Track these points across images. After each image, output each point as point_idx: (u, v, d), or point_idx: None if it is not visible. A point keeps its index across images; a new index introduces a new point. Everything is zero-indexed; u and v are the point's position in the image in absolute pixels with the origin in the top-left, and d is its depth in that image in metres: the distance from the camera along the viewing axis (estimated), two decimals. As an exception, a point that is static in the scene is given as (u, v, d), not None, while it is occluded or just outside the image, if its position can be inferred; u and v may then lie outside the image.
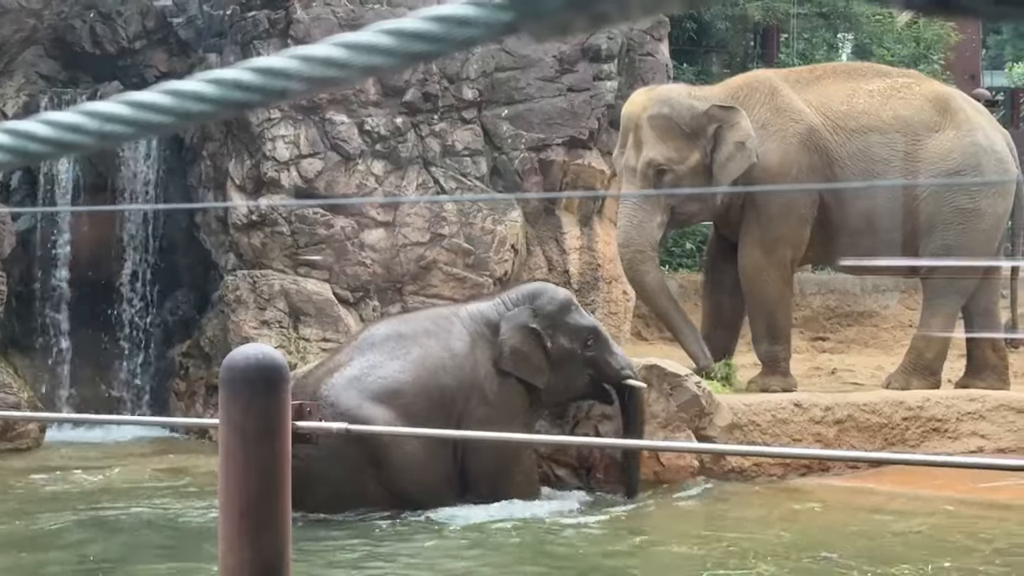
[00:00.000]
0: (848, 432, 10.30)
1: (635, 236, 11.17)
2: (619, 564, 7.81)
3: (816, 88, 11.55)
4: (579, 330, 9.36)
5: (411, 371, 9.05)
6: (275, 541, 3.38)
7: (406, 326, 9.41)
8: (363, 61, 0.93)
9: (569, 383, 9.38)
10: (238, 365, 3.44)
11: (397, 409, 8.90)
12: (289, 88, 0.96)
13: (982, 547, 8.23)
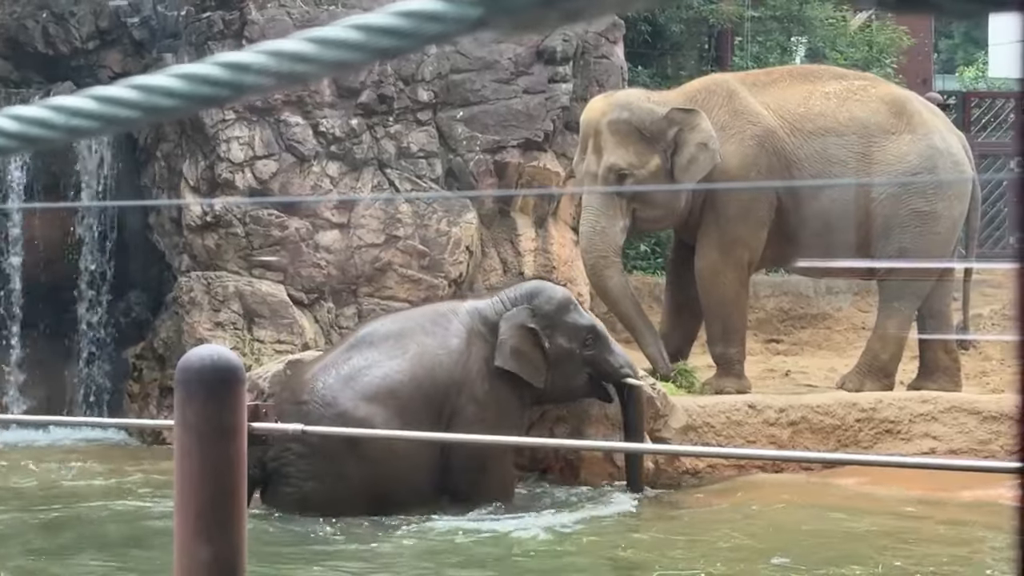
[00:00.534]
0: (802, 434, 10.35)
1: (598, 241, 11.19)
2: (565, 565, 7.81)
3: (773, 91, 11.60)
4: (578, 329, 9.36)
5: (408, 370, 9.07)
6: (230, 542, 3.37)
7: (405, 323, 9.45)
8: (332, 56, 0.93)
9: (569, 382, 9.39)
10: (193, 366, 3.42)
11: (393, 408, 8.90)
12: (257, 83, 0.96)
13: (934, 547, 8.29)
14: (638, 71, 16.31)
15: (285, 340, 12.37)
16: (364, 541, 8.41)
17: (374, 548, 8.27)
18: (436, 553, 8.13)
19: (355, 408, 8.88)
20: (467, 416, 9.07)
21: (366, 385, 9.01)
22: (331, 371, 9.11)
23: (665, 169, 11.13)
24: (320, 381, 9.09)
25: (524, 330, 9.24)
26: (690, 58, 18.01)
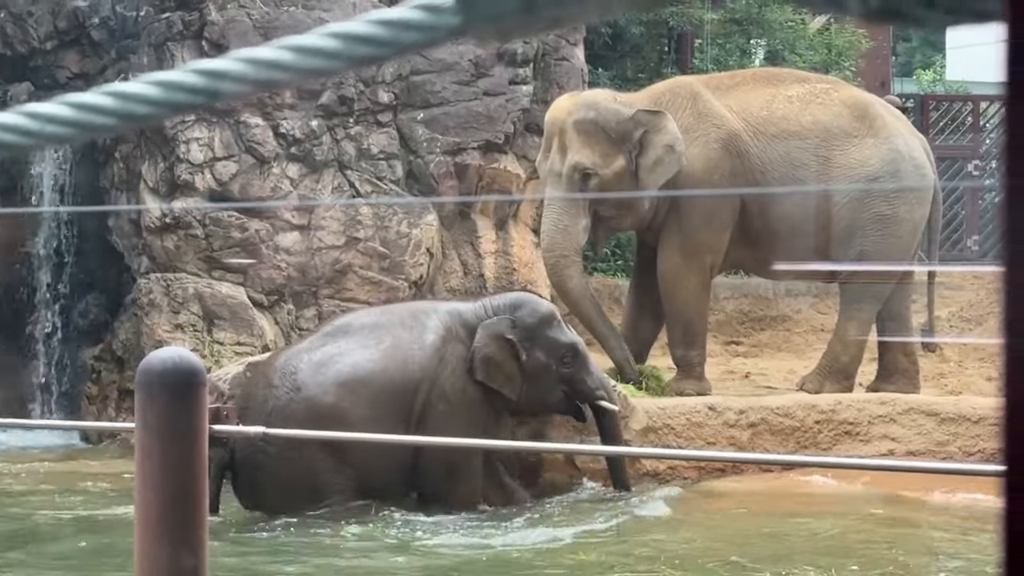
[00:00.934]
0: (761, 435, 10.39)
1: (559, 240, 11.18)
2: (521, 566, 7.82)
3: (736, 94, 11.63)
4: (557, 346, 9.32)
5: (379, 360, 9.07)
6: (192, 545, 3.37)
7: (383, 316, 9.47)
8: (309, 64, 0.93)
9: (543, 397, 9.37)
10: (155, 368, 3.42)
11: (362, 397, 8.91)
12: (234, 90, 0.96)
13: (889, 548, 8.33)
14: (598, 73, 16.33)
15: (245, 342, 12.34)
16: (325, 538, 8.40)
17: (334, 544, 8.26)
18: (397, 552, 8.13)
19: (323, 394, 8.91)
20: (437, 414, 9.06)
21: (336, 372, 9.01)
22: (303, 356, 9.15)
23: (630, 170, 11.14)
24: (291, 365, 9.12)
25: (501, 340, 9.21)
26: (650, 60, 18.05)
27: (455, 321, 9.33)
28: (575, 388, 9.40)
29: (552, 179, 11.26)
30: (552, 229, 11.25)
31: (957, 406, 10.63)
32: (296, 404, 8.91)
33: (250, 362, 10.31)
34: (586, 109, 11.18)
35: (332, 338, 9.27)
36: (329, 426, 8.72)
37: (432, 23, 0.89)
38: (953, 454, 10.28)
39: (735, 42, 18.40)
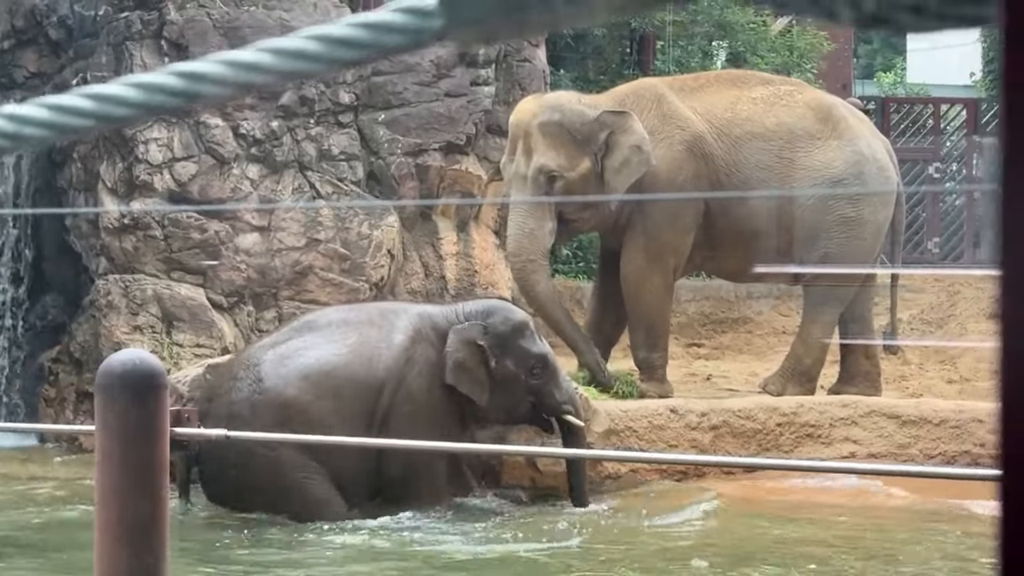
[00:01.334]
0: (723, 438, 10.41)
1: (526, 244, 11.17)
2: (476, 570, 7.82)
3: (700, 95, 11.65)
4: (527, 356, 9.29)
5: (345, 355, 9.05)
6: (153, 548, 3.35)
7: (352, 314, 9.47)
8: (289, 67, 0.93)
9: (510, 406, 9.34)
10: (115, 371, 3.41)
11: (325, 392, 8.90)
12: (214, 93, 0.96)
13: (849, 550, 8.36)
14: (560, 75, 16.35)
15: (204, 344, 12.29)
16: (288, 542, 8.38)
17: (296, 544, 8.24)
18: (357, 557, 8.12)
19: (286, 387, 8.89)
20: (402, 415, 9.04)
21: (300, 366, 9.00)
22: (268, 350, 9.16)
23: (595, 172, 11.14)
24: (255, 358, 9.14)
25: (472, 346, 9.18)
26: (612, 62, 18.07)
27: (425, 323, 9.31)
28: (542, 400, 9.36)
29: (517, 182, 11.24)
30: (518, 233, 11.23)
31: (918, 408, 10.68)
32: (259, 396, 8.89)
33: (210, 364, 10.27)
34: (551, 111, 11.18)
35: (298, 333, 9.26)
36: (292, 420, 8.72)
37: (414, 26, 0.89)
38: (914, 457, 10.33)
39: (697, 44, 18.45)
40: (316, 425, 8.70)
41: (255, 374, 8.99)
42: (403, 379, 9.10)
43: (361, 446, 8.85)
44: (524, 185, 11.15)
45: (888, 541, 8.70)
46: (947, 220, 20.16)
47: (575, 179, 11.10)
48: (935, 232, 19.86)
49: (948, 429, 10.43)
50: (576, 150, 11.10)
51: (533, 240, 11.16)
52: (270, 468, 8.82)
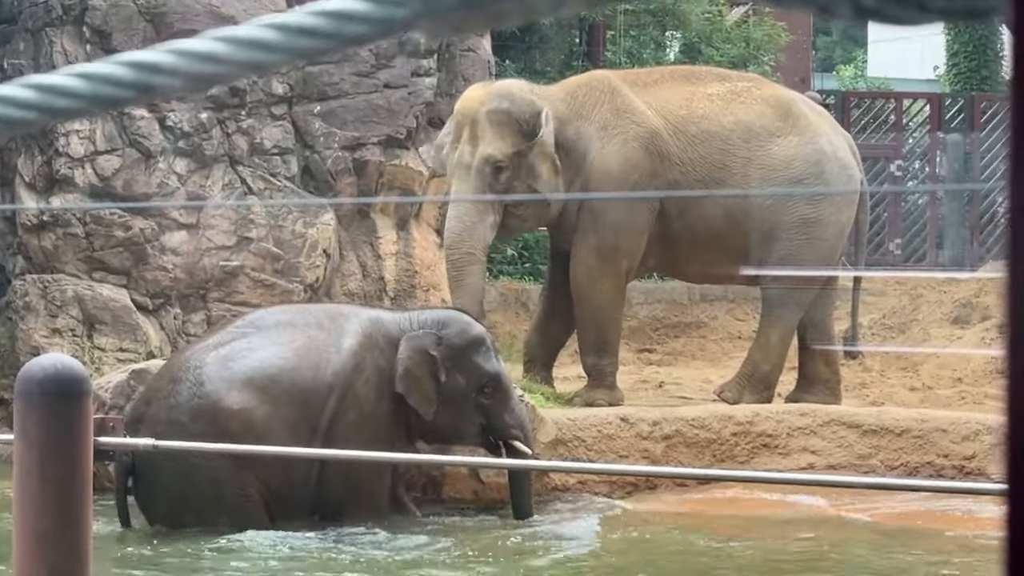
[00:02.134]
0: (676, 448, 10.43)
1: (466, 237, 11.13)
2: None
3: (655, 91, 11.66)
4: (480, 373, 9.21)
5: (291, 359, 8.99)
6: (74, 564, 3.32)
7: (299, 315, 9.40)
8: (245, 57, 0.91)
9: (457, 424, 9.26)
10: (35, 376, 3.38)
11: (269, 397, 8.84)
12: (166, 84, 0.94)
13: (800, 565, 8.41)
14: (506, 65, 16.36)
15: (128, 348, 12.21)
16: (222, 554, 8.35)
17: (230, 560, 8.21)
18: (283, 572, 8.09)
19: (227, 391, 8.82)
20: (347, 423, 8.97)
21: (243, 368, 8.93)
22: (210, 352, 9.07)
23: None
24: (197, 359, 9.04)
25: (424, 355, 9.10)
26: (560, 52, 18.10)
27: (376, 329, 9.24)
28: (491, 422, 9.28)
29: (460, 172, 11.18)
30: (458, 226, 11.19)
31: (879, 418, 10.74)
32: (198, 400, 8.82)
33: (134, 369, 10.21)
34: (500, 99, 11.16)
35: (243, 334, 9.19)
36: (231, 426, 8.66)
37: (379, 15, 0.88)
38: (875, 467, 10.39)
39: (649, 34, 18.51)
40: (259, 432, 8.64)
41: (195, 377, 8.90)
42: (350, 386, 9.04)
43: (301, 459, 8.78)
44: (467, 175, 11.10)
45: (846, 555, 8.74)
46: (909, 220, 20.31)
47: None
48: (897, 233, 20.00)
49: (910, 439, 10.49)
50: (524, 141, 11.09)
51: (473, 233, 11.12)
52: (205, 479, 8.76)
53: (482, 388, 9.23)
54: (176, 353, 9.47)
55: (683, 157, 11.44)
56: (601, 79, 11.84)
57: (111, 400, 9.74)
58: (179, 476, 8.73)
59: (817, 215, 11.60)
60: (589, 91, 11.53)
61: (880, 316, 14.97)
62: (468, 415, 9.25)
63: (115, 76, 0.96)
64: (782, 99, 11.92)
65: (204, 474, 8.75)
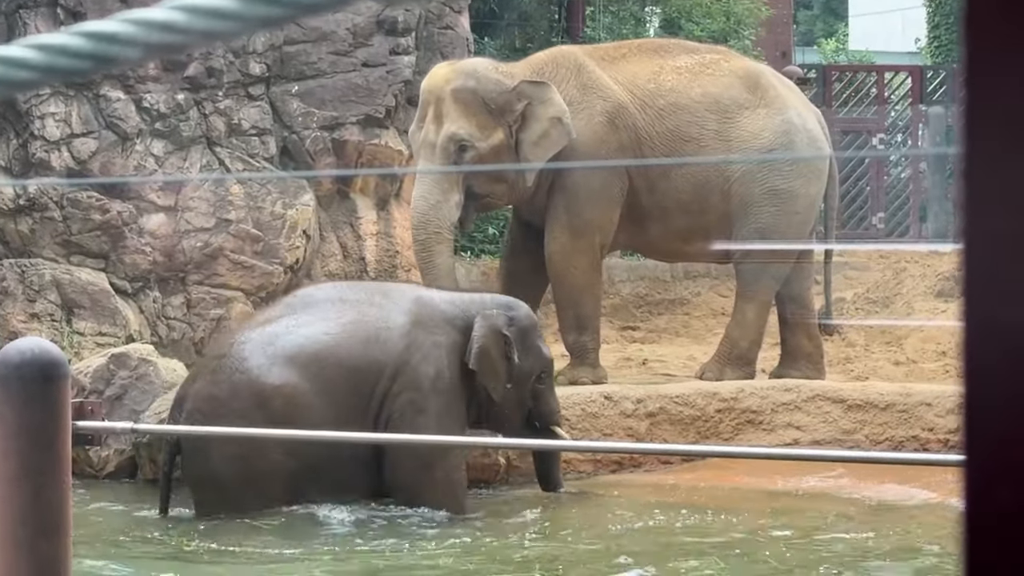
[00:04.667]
0: (661, 425, 10.45)
1: (431, 216, 11.11)
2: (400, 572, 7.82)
3: (622, 65, 11.66)
4: (540, 359, 9.27)
5: (338, 336, 8.87)
6: (54, 550, 3.32)
7: (349, 291, 9.31)
8: (204, 26, 0.91)
9: (515, 408, 9.21)
10: (12, 361, 3.37)
11: (312, 375, 8.71)
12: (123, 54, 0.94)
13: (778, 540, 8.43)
14: (485, 43, 16.34)
15: (107, 332, 12.19)
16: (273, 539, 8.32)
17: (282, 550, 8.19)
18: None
19: (268, 369, 8.69)
20: (404, 402, 8.84)
21: (287, 345, 8.79)
22: (257, 328, 8.99)
23: (509, 144, 11.12)
24: (244, 336, 8.96)
25: (499, 335, 9.04)
26: (539, 29, 18.08)
27: (428, 308, 9.13)
28: (539, 407, 9.28)
29: (425, 150, 11.18)
30: (423, 205, 11.17)
31: (864, 392, 10.76)
32: (239, 376, 8.70)
33: (113, 354, 10.20)
34: (466, 77, 11.15)
35: (291, 310, 9.07)
36: (274, 403, 8.57)
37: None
38: (860, 442, 10.41)
39: (628, 9, 18.50)
40: (301, 412, 8.55)
41: (239, 352, 8.78)
42: (405, 365, 8.88)
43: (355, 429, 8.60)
44: (432, 154, 11.10)
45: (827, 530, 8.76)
46: (892, 194, 20.34)
47: (487, 150, 11.07)
48: (880, 207, 20.03)
49: (895, 413, 10.52)
50: (490, 120, 11.08)
51: (439, 212, 11.10)
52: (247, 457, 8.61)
53: (540, 373, 9.26)
54: (227, 330, 9.44)
55: (651, 131, 11.44)
56: (567, 55, 11.81)
57: (90, 384, 9.74)
58: (227, 458, 8.63)
59: (787, 187, 11.60)
60: (555, 68, 11.51)
61: (864, 290, 15.00)
62: (524, 400, 9.24)
63: (72, 47, 0.95)
64: (751, 71, 11.93)
65: (245, 451, 8.65)
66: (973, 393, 0.72)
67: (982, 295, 0.72)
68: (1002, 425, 0.71)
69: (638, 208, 11.45)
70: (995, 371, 0.71)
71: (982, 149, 0.72)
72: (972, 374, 0.72)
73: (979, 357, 0.72)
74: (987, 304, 0.72)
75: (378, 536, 8.47)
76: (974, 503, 0.72)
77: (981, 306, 0.72)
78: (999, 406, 0.71)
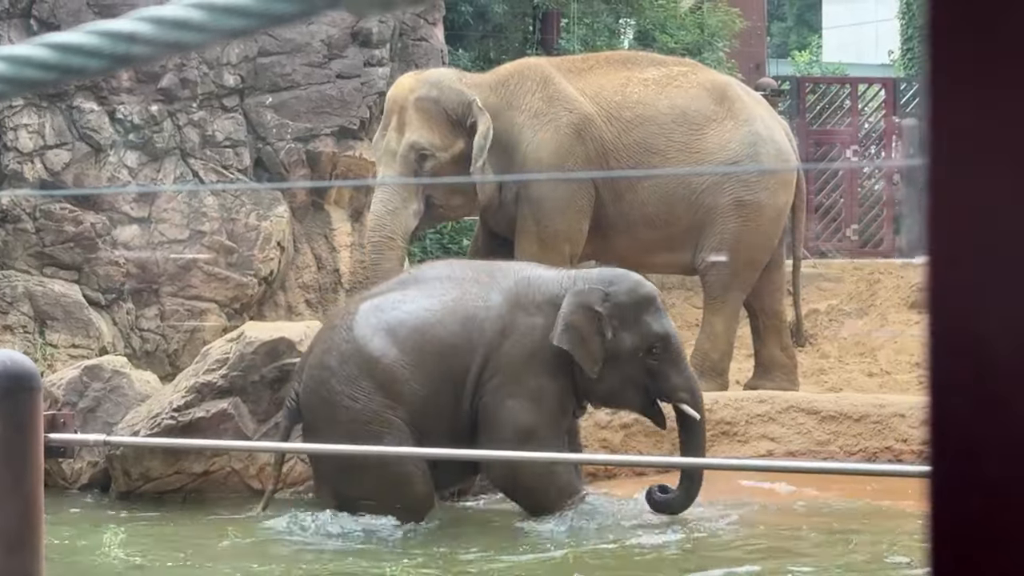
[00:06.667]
0: (635, 437, 10.44)
1: (386, 221, 11.15)
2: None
3: (589, 77, 11.68)
4: (648, 333, 8.91)
5: (438, 313, 8.91)
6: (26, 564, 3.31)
7: (460, 269, 9.33)
8: (172, 37, 0.91)
9: (620, 387, 8.96)
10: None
11: (408, 349, 8.81)
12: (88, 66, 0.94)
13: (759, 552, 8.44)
14: (459, 54, 16.35)
15: (81, 344, 12.16)
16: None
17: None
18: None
19: (371, 338, 8.83)
20: (492, 389, 8.80)
21: (389, 317, 8.90)
22: (367, 300, 9.19)
23: (467, 155, 11.15)
24: (353, 307, 9.21)
25: (589, 311, 8.79)
26: (514, 41, 18.09)
27: (531, 286, 9.00)
28: (658, 383, 8.99)
29: (386, 159, 11.23)
30: (381, 210, 11.21)
31: (838, 404, 10.77)
32: (347, 344, 8.85)
33: (87, 366, 10.17)
34: (429, 88, 11.18)
35: (402, 285, 9.21)
36: (376, 372, 8.73)
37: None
38: (834, 454, 10.42)
39: (603, 21, 18.52)
40: (400, 385, 8.71)
41: (347, 323, 8.95)
42: (496, 348, 8.82)
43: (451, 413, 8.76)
44: (393, 162, 11.14)
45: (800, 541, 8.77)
46: (866, 206, 20.39)
47: (447, 160, 11.09)
48: (854, 218, 20.08)
49: (869, 425, 10.53)
50: (451, 130, 11.12)
51: (395, 219, 11.13)
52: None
53: (650, 348, 8.94)
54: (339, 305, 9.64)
55: (618, 143, 11.46)
56: (533, 67, 11.83)
57: (63, 396, 9.71)
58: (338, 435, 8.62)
59: (754, 199, 11.61)
60: (520, 80, 11.53)
61: (838, 301, 15.03)
62: (631, 377, 8.97)
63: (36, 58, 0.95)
64: (718, 84, 11.95)
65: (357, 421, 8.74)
66: (939, 404, 0.72)
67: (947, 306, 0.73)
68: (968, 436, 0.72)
69: (605, 219, 11.47)
70: (960, 382, 0.72)
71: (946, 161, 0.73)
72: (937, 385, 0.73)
73: (945, 368, 0.72)
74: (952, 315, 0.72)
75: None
76: (940, 514, 0.72)
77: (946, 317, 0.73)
78: (965, 417, 0.72)
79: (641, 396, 9.08)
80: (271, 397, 9.67)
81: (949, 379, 0.72)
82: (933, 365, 0.72)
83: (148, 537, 8.72)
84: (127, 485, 9.68)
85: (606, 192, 11.47)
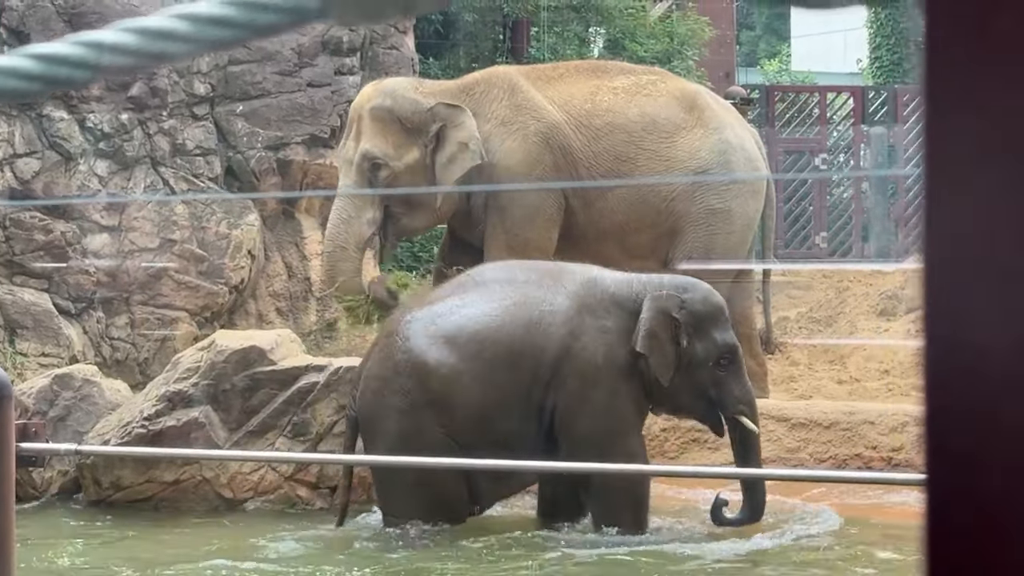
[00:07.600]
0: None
1: (341, 230, 11.14)
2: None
3: (558, 85, 11.67)
4: (719, 344, 8.82)
5: (500, 318, 8.69)
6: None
7: (518, 271, 9.07)
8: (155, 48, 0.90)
9: (688, 395, 8.85)
10: (-46, 382, 3.33)
11: (469, 356, 8.60)
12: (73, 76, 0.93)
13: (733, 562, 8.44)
14: (430, 63, 16.34)
15: (51, 353, 12.11)
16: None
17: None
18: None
19: (428, 347, 8.62)
20: (567, 393, 8.63)
21: (448, 325, 8.68)
22: (425, 307, 8.93)
23: (424, 165, 11.14)
24: (410, 315, 8.92)
25: (668, 318, 8.69)
26: (484, 49, 18.09)
27: (598, 289, 8.86)
28: (721, 395, 8.87)
29: (344, 167, 11.27)
30: (336, 220, 11.20)
31: (808, 411, 10.79)
32: (402, 355, 8.64)
33: (57, 375, 10.13)
34: (383, 97, 11.18)
35: (461, 289, 8.97)
36: (432, 383, 8.53)
37: (292, 4, 0.87)
38: (804, 461, 10.44)
39: (573, 30, 18.53)
40: (458, 393, 8.52)
41: (404, 331, 8.71)
42: (567, 352, 8.66)
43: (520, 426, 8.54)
44: (349, 171, 11.17)
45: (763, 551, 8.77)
46: (835, 213, 20.45)
47: (401, 170, 11.08)
48: (822, 226, 20.13)
49: (838, 432, 10.55)
50: (405, 139, 11.11)
51: (349, 227, 11.11)
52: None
53: (719, 359, 8.85)
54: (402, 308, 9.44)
55: (587, 151, 11.45)
56: (501, 75, 11.81)
57: (34, 405, 9.67)
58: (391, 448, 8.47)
59: (724, 206, 11.63)
60: (487, 87, 11.52)
61: (807, 309, 15.05)
62: (701, 386, 8.86)
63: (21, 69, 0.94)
64: (687, 92, 11.96)
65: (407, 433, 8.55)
66: (935, 411, 0.72)
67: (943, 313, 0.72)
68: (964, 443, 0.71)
69: (575, 228, 11.47)
70: (956, 389, 0.71)
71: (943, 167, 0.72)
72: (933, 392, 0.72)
73: (940, 375, 0.72)
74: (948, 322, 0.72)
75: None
76: (935, 522, 0.71)
77: (942, 324, 0.72)
78: (961, 424, 0.71)
79: (705, 405, 8.96)
80: (242, 406, 9.64)
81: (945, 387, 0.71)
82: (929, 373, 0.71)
83: (118, 546, 8.69)
84: (97, 494, 9.64)
85: (576, 200, 11.46)
